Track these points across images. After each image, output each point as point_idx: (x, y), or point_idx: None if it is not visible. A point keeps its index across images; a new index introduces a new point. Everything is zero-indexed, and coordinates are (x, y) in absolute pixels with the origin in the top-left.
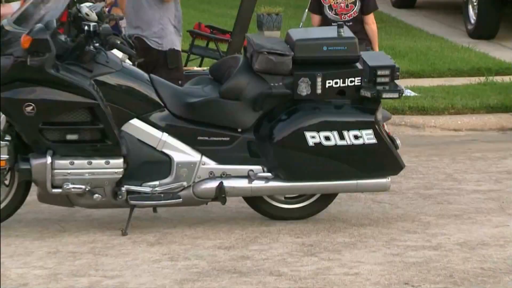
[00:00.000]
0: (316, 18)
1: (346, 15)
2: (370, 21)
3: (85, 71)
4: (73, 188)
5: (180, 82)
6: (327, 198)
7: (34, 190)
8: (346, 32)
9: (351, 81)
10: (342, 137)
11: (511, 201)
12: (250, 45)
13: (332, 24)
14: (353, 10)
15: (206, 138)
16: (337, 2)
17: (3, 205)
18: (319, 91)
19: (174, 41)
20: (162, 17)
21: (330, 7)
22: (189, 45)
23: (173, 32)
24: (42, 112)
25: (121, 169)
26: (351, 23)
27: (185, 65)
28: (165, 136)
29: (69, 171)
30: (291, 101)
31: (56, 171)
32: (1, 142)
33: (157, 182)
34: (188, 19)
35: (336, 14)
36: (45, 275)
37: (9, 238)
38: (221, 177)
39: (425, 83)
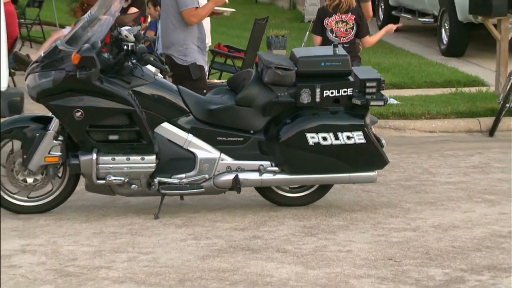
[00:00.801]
0: (317, 38)
1: (344, 38)
2: (365, 42)
3: (124, 83)
4: (114, 179)
5: (204, 91)
6: (324, 188)
7: (82, 181)
8: (340, 50)
9: (345, 91)
10: (337, 138)
11: (477, 191)
12: (261, 61)
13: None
14: (350, 34)
15: (224, 138)
16: (338, 27)
17: (56, 193)
18: (318, 99)
19: (197, 57)
20: (186, 38)
21: (332, 31)
22: (210, 61)
23: (196, 51)
24: (88, 117)
25: (154, 164)
26: (348, 44)
27: (208, 78)
28: (190, 137)
29: (111, 165)
30: (294, 108)
31: (100, 165)
32: (54, 141)
33: (183, 175)
34: (210, 40)
35: (336, 36)
36: (91, 251)
37: (61, 221)
38: (236, 170)
39: (405, 93)
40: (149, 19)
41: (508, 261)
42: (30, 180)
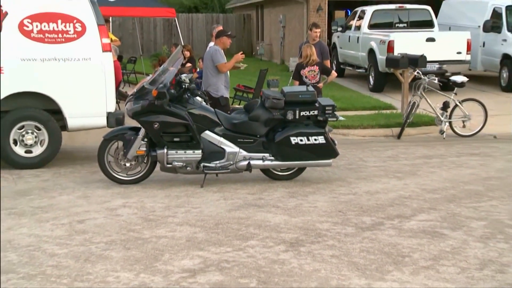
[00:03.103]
0: (296, 82)
1: (314, 80)
2: (332, 75)
3: (183, 107)
4: (177, 164)
5: (229, 112)
6: (301, 170)
7: (158, 165)
8: (310, 88)
9: (313, 112)
10: (308, 140)
11: (390, 171)
12: (264, 94)
13: (306, 84)
14: (317, 77)
15: (242, 140)
16: (309, 74)
17: (143, 172)
18: (297, 117)
19: (224, 92)
20: (218, 81)
21: (306, 76)
22: (234, 94)
23: (223, 88)
24: (162, 127)
25: (200, 155)
26: (316, 83)
27: (232, 104)
28: (222, 139)
29: (175, 156)
30: (283, 122)
31: (168, 156)
32: (142, 142)
33: (218, 161)
34: (233, 82)
35: (309, 80)
36: (163, 206)
37: (146, 188)
38: (249, 159)
39: (349, 114)
40: (198, 70)
41: (409, 212)
42: (128, 164)
